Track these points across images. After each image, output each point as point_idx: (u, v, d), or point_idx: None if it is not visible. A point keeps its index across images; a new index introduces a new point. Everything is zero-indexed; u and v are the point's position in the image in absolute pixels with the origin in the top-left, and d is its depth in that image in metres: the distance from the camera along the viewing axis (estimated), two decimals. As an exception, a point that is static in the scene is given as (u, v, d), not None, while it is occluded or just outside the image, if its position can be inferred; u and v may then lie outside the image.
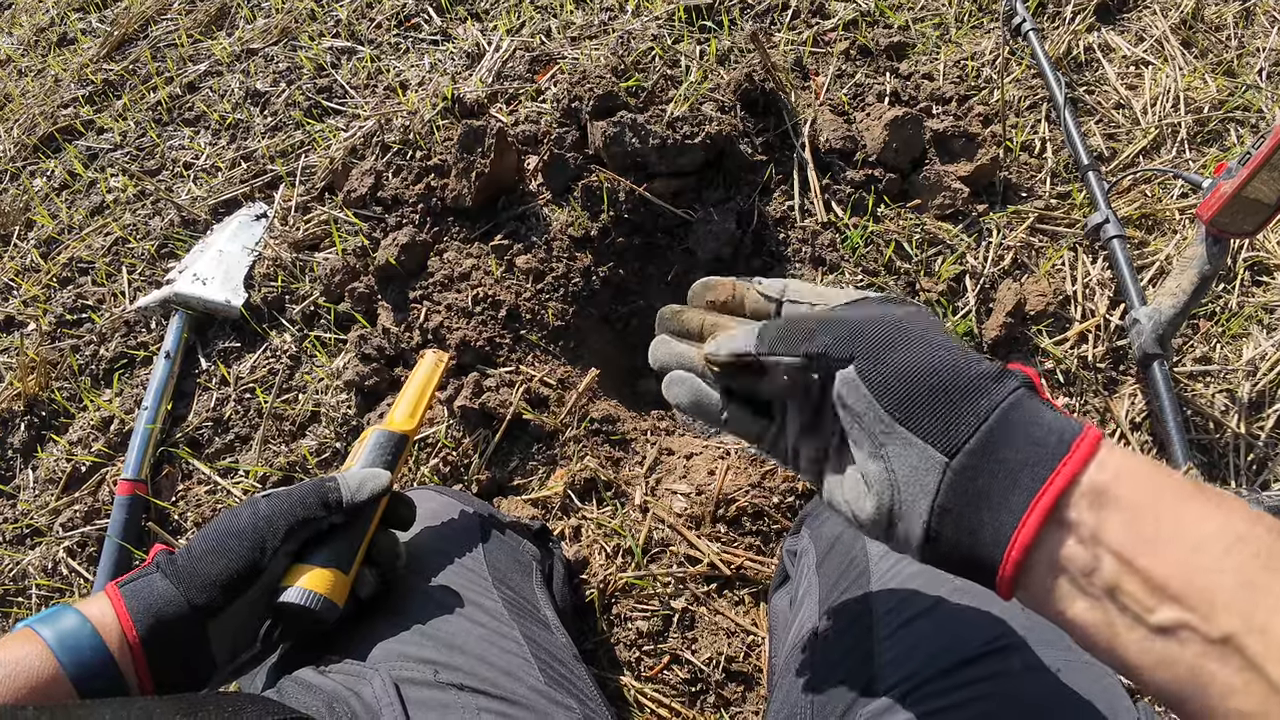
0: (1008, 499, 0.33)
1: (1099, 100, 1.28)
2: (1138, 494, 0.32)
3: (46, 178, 1.74)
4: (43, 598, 1.12)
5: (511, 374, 1.01)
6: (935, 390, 0.36)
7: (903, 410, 0.36)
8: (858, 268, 1.08)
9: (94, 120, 1.80)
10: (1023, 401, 0.35)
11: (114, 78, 1.91)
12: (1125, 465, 0.33)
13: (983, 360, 0.37)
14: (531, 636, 0.62)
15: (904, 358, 0.37)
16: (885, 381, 0.37)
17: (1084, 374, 1.01)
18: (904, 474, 0.36)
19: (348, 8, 1.66)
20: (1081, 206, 1.15)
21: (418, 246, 1.09)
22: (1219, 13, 1.38)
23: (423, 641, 0.56)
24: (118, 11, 2.18)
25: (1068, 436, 0.34)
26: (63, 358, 1.33)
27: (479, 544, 0.70)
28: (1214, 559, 0.29)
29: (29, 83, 2.13)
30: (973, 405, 0.35)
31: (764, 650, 0.83)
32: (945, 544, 0.35)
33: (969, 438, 0.35)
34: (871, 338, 0.39)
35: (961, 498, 0.34)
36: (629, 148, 1.06)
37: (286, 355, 1.16)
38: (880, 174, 1.12)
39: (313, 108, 1.48)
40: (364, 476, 0.59)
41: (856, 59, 1.31)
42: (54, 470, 1.22)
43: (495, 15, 1.52)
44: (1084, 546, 0.32)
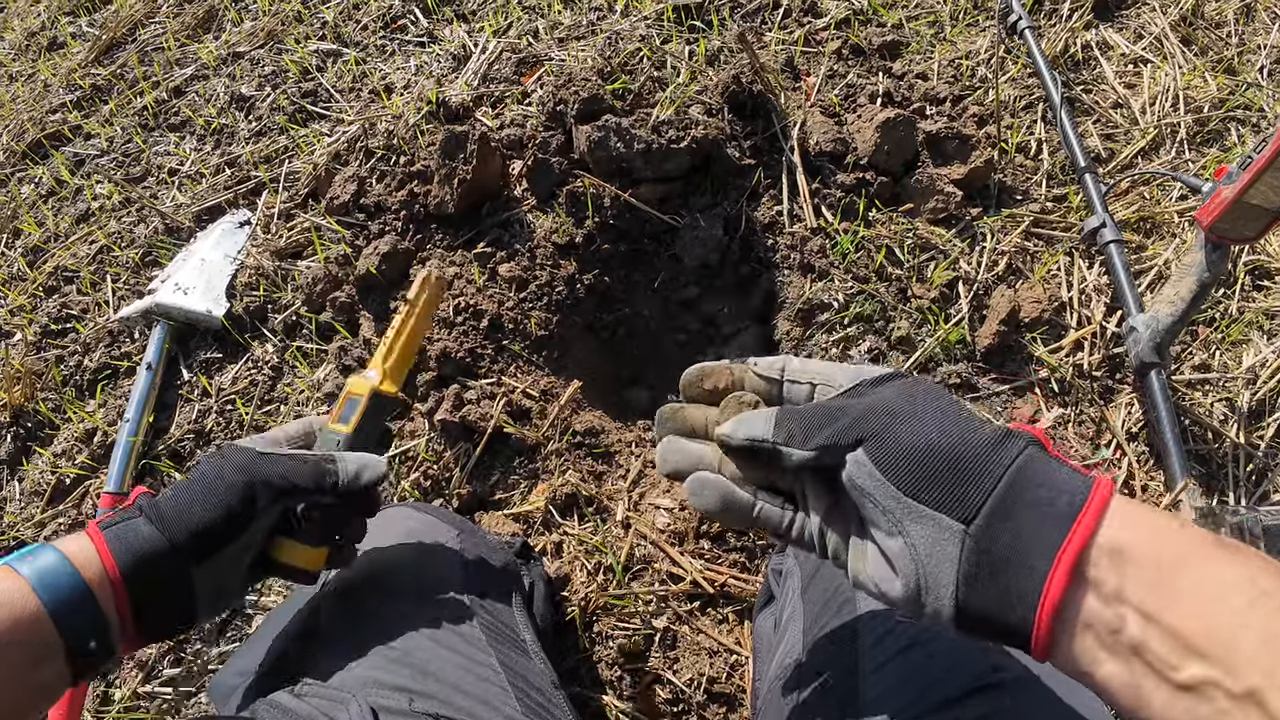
0: (1030, 561, 0.33)
1: (1096, 100, 1.25)
2: (1156, 549, 0.32)
3: (34, 185, 1.73)
4: None
5: (493, 386, 0.99)
6: (944, 461, 0.37)
7: (914, 484, 0.37)
8: (848, 274, 1.05)
9: (81, 126, 1.79)
10: (1032, 461, 0.36)
11: (101, 82, 1.89)
12: (1140, 519, 0.33)
13: (988, 425, 0.38)
14: (509, 664, 0.61)
15: (910, 434, 0.38)
16: (893, 459, 0.38)
17: (1079, 383, 0.99)
18: (924, 547, 0.36)
19: (334, 9, 1.64)
20: (1078, 210, 1.12)
21: (399, 255, 1.07)
22: (1219, 9, 1.35)
23: (398, 669, 0.56)
24: (106, 15, 2.17)
25: (1080, 493, 0.34)
26: (48, 368, 1.31)
27: (458, 565, 0.69)
28: (1237, 613, 0.29)
29: (19, 88, 2.11)
30: (983, 470, 0.36)
31: (747, 671, 0.81)
32: (976, 612, 0.35)
33: (983, 503, 0.35)
34: (877, 420, 0.39)
35: (985, 563, 0.35)
36: (614, 152, 1.04)
37: (268, 366, 1.14)
38: (871, 177, 1.10)
39: (297, 112, 1.46)
40: (363, 463, 0.59)
41: (849, 58, 1.29)
42: (39, 482, 1.20)
43: (482, 16, 1.50)
44: (1108, 605, 0.32)
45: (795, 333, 1.06)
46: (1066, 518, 0.33)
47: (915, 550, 0.36)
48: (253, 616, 1.01)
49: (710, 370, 0.49)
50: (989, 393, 1.01)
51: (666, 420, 0.49)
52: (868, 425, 0.39)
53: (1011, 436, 0.37)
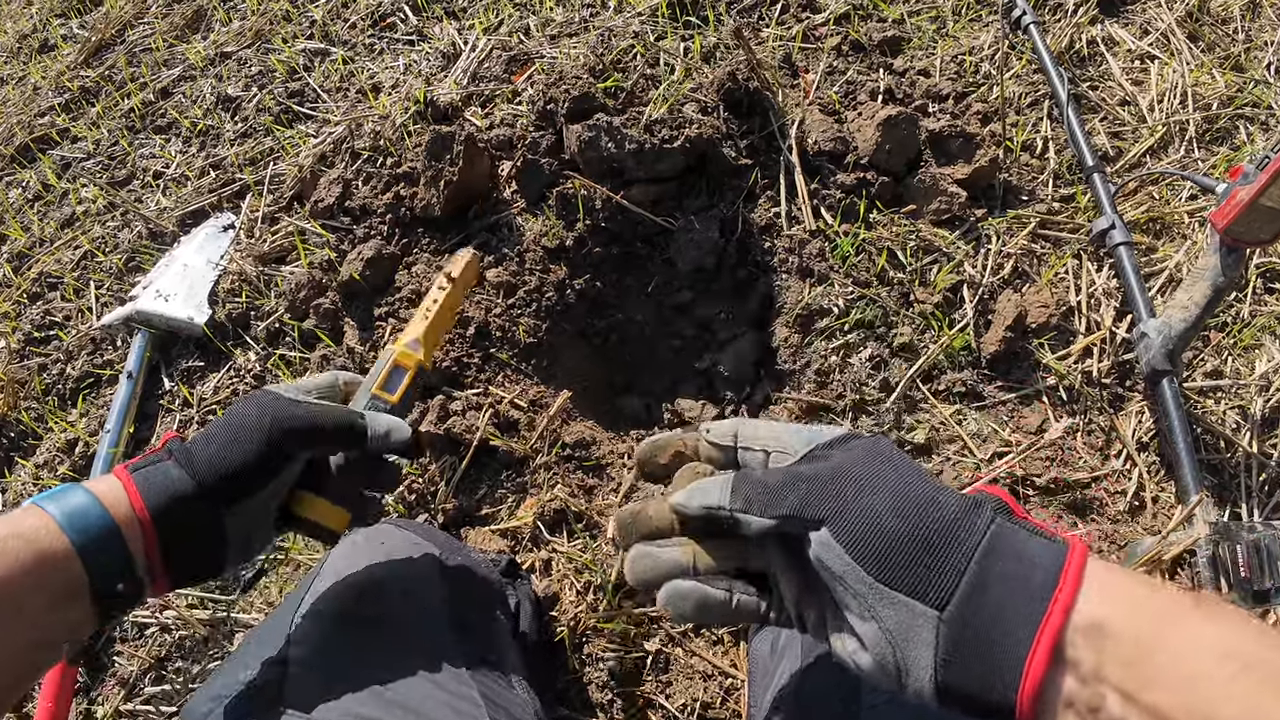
0: (1007, 642, 0.33)
1: (1103, 96, 1.22)
2: (1134, 623, 0.32)
3: (22, 189, 1.70)
4: None
5: (480, 396, 0.95)
6: (911, 542, 0.36)
7: (883, 569, 0.36)
8: (848, 278, 1.02)
9: (69, 129, 1.76)
10: (1002, 534, 0.36)
11: (90, 85, 1.86)
12: (1116, 589, 0.33)
13: (951, 495, 0.38)
14: (491, 697, 0.59)
15: (875, 510, 0.37)
16: (861, 540, 0.37)
17: (1088, 391, 0.95)
18: (899, 632, 0.36)
19: (323, 8, 1.61)
20: (1086, 210, 1.08)
21: (385, 260, 1.03)
22: (1225, 5, 1.32)
23: (377, 703, 0.54)
24: (96, 17, 2.14)
25: (1054, 566, 0.34)
26: (30, 376, 1.28)
27: (440, 587, 0.66)
28: (1217, 687, 0.29)
29: (10, 90, 2.09)
30: (952, 550, 0.35)
31: (743, 695, 0.78)
32: (956, 692, 0.35)
33: (956, 585, 0.35)
34: (839, 492, 0.39)
35: (962, 647, 0.34)
36: (606, 153, 1.01)
37: (250, 375, 1.11)
38: (872, 177, 1.06)
39: (283, 113, 1.42)
40: (392, 426, 0.60)
41: (848, 55, 1.25)
42: (21, 494, 1.18)
43: (473, 13, 1.47)
44: (1087, 685, 0.32)
45: (793, 339, 1.02)
46: (1042, 596, 0.33)
47: (890, 634, 0.36)
48: (234, 633, 0.98)
49: (664, 444, 0.49)
50: (994, 401, 0.97)
51: (630, 524, 0.47)
52: (830, 498, 0.39)
53: (978, 506, 0.37)
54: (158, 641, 0.99)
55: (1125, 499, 0.90)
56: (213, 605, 0.99)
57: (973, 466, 0.92)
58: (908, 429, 0.95)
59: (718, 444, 0.46)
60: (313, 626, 0.60)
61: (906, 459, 0.40)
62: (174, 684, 0.97)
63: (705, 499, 0.43)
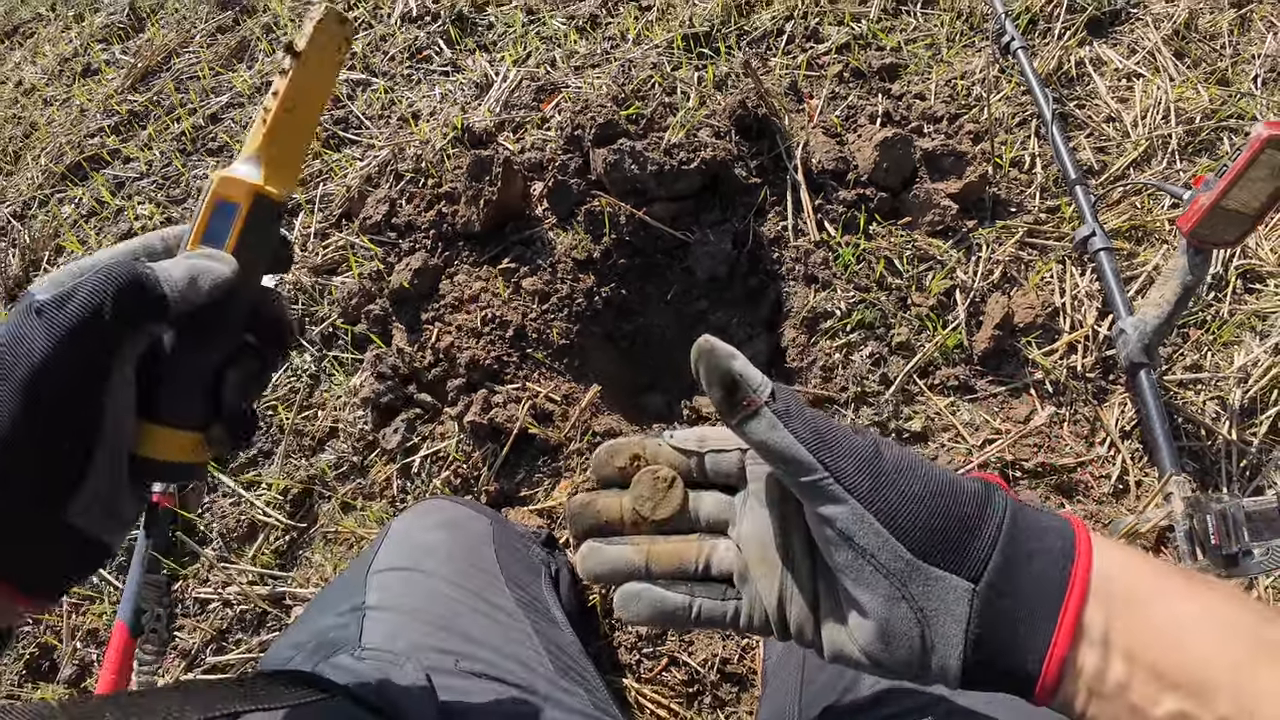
0: (1036, 613, 0.34)
1: (1090, 114, 1.31)
2: (1132, 587, 0.34)
3: (75, 205, 1.82)
4: (73, 604, 1.17)
5: (518, 391, 1.06)
6: (946, 517, 0.35)
7: (920, 544, 0.35)
8: (850, 284, 1.11)
9: (120, 150, 1.88)
10: (1016, 513, 0.36)
11: (139, 109, 1.99)
12: (1114, 557, 0.35)
13: (962, 476, 0.37)
14: (542, 631, 0.67)
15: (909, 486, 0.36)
16: (897, 515, 0.36)
17: (1073, 384, 1.04)
18: (932, 608, 0.35)
19: (363, 41, 1.74)
20: (1071, 220, 1.18)
21: (429, 270, 1.14)
22: (1213, 21, 1.40)
23: (445, 635, 0.61)
24: (140, 43, 2.27)
25: (1068, 538, 0.35)
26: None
27: (492, 549, 0.75)
28: (1208, 646, 0.31)
29: (54, 112, 2.22)
30: (983, 524, 0.35)
31: (758, 653, 0.87)
32: (984, 666, 0.35)
33: (988, 559, 0.35)
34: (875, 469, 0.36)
35: (991, 620, 0.34)
36: (629, 174, 1.12)
37: (306, 374, 1.22)
38: (872, 193, 1.16)
39: (330, 138, 1.55)
40: (193, 268, 0.39)
41: (849, 81, 1.36)
42: (88, 486, 1.28)
43: (503, 46, 1.59)
44: (1095, 648, 0.33)
45: (801, 340, 1.12)
46: (1064, 565, 0.34)
47: (922, 612, 0.35)
48: (291, 607, 1.07)
49: (620, 448, 0.44)
50: (986, 394, 1.06)
51: (580, 515, 0.44)
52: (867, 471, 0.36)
53: (991, 488, 0.37)
54: (219, 615, 1.08)
55: (1110, 482, 0.99)
56: (272, 581, 1.09)
57: (965, 452, 1.01)
58: (905, 419, 1.04)
59: (681, 449, 0.44)
60: (384, 580, 0.67)
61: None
62: (234, 654, 1.06)
63: (769, 435, 0.37)
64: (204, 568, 1.12)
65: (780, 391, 0.38)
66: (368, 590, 0.66)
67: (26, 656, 1.15)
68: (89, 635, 1.14)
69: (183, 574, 1.12)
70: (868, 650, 0.37)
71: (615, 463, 0.44)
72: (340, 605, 0.66)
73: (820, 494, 0.36)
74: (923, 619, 0.35)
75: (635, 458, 0.44)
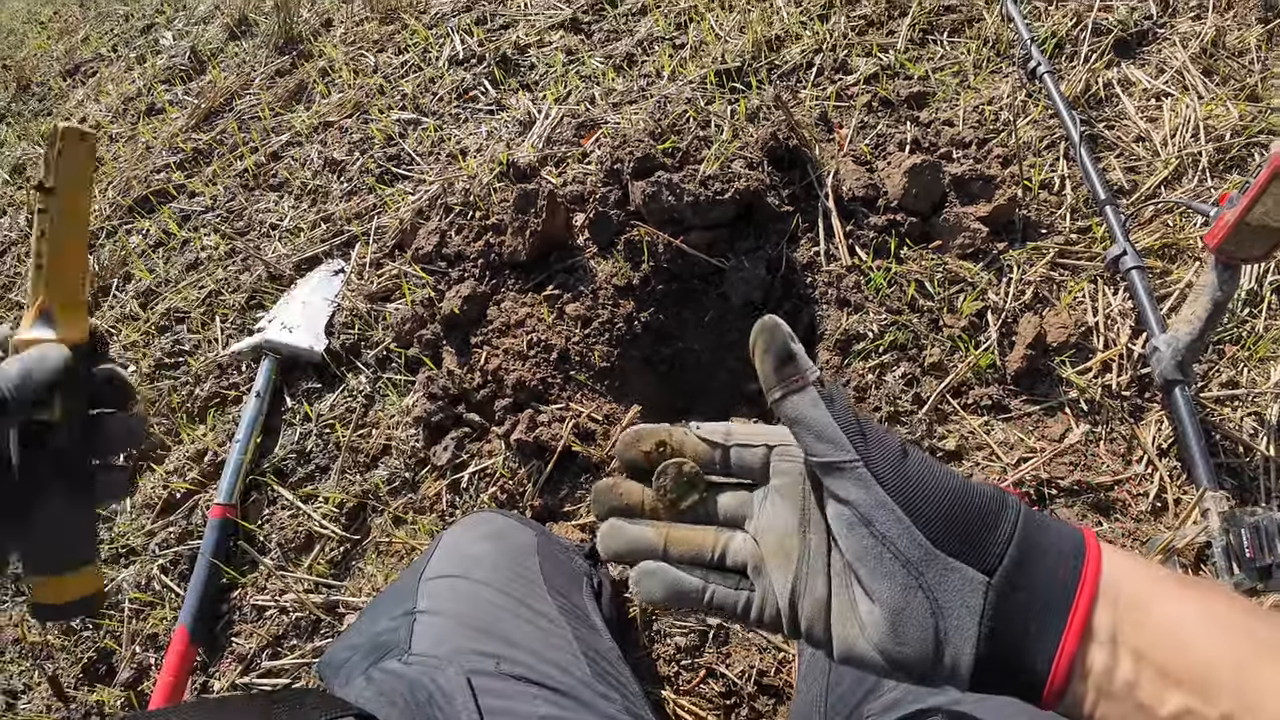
0: (1047, 610, 0.34)
1: (1119, 135, 1.33)
2: (1138, 589, 0.34)
3: (142, 235, 1.95)
4: (134, 610, 1.25)
5: (562, 410, 1.11)
6: (965, 509, 0.36)
7: (939, 533, 0.36)
8: (881, 307, 1.15)
9: (185, 185, 2.01)
10: (1030, 515, 0.37)
11: (203, 146, 2.13)
12: (1119, 562, 0.35)
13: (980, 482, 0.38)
14: (581, 637, 0.71)
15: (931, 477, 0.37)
16: (918, 503, 0.36)
17: (1109, 403, 1.05)
18: (948, 600, 0.35)
19: (413, 83, 1.85)
20: (1102, 240, 1.19)
21: (478, 297, 1.21)
22: (1241, 38, 1.40)
23: (486, 639, 0.65)
24: (203, 85, 2.43)
25: (1078, 540, 0.36)
26: (161, 397, 1.49)
27: (536, 559, 0.79)
28: (1210, 645, 0.32)
29: (120, 148, 2.37)
30: (997, 521, 0.36)
31: (795, 666, 0.89)
32: (993, 665, 0.35)
33: (1003, 555, 0.35)
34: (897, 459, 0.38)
35: (1005, 614, 0.35)
36: (666, 205, 1.17)
37: (362, 395, 1.29)
38: (902, 218, 1.20)
39: (384, 174, 1.65)
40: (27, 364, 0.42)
41: (878, 110, 1.40)
42: (151, 496, 1.35)
43: (544, 86, 1.68)
44: (1105, 648, 0.34)
45: (834, 361, 1.15)
46: (1075, 564, 0.35)
47: (937, 604, 0.35)
48: (344, 615, 1.13)
49: (647, 433, 0.44)
50: (1020, 413, 1.08)
51: (605, 497, 0.45)
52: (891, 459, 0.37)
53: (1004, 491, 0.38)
54: (275, 622, 1.14)
55: (1147, 500, 0.99)
56: (326, 590, 1.15)
57: (1000, 470, 1.03)
58: (939, 437, 1.06)
59: (708, 439, 0.44)
60: (433, 587, 0.72)
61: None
62: (288, 659, 1.12)
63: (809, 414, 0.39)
64: (262, 576, 1.18)
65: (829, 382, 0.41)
66: (419, 597, 0.71)
67: (84, 661, 1.23)
68: (149, 640, 1.21)
69: (242, 581, 1.19)
70: (880, 645, 0.37)
71: (641, 446, 0.44)
72: (394, 610, 0.71)
73: (846, 475, 0.37)
74: (937, 610, 0.35)
75: (661, 444, 0.44)
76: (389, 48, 2.10)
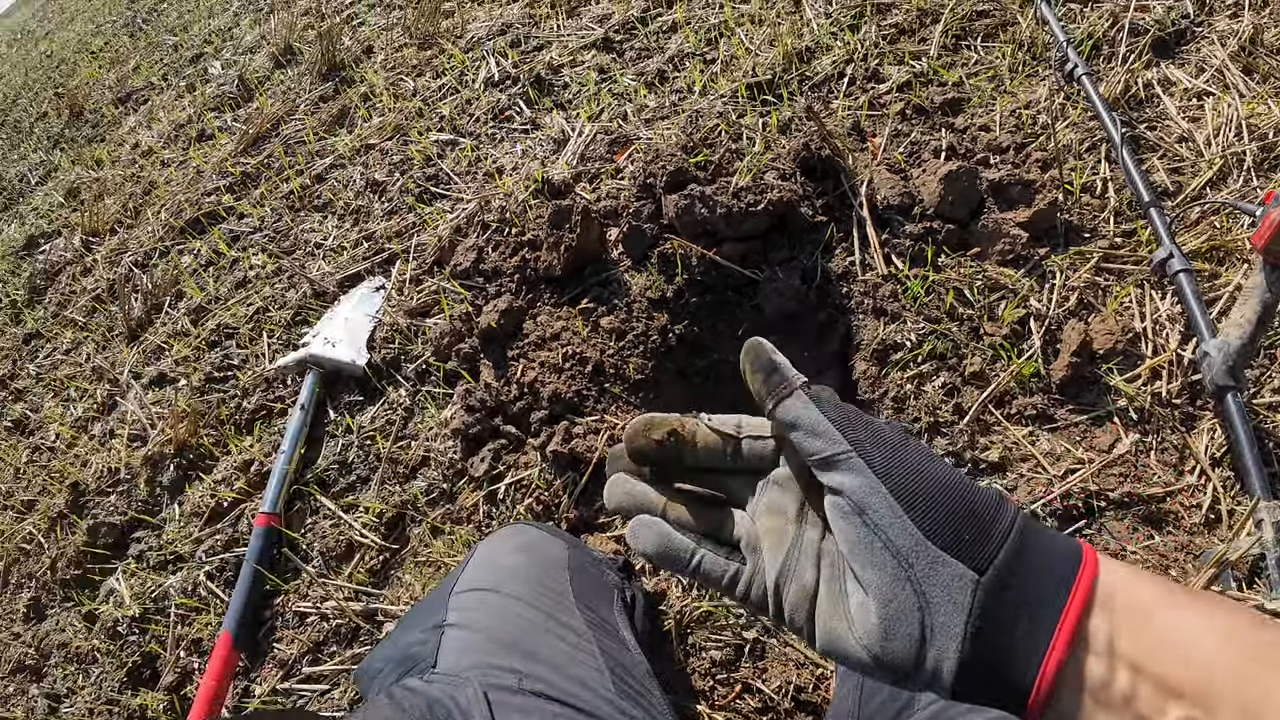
0: (1037, 613, 0.33)
1: (1161, 136, 1.30)
2: (1136, 598, 0.33)
3: (193, 255, 2.03)
4: (180, 615, 1.29)
5: (597, 422, 1.12)
6: (961, 504, 0.36)
7: (932, 525, 0.35)
8: (919, 315, 1.13)
9: (234, 207, 2.10)
10: (1028, 521, 0.36)
11: (251, 170, 2.22)
12: (1119, 571, 0.34)
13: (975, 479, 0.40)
14: (608, 651, 0.71)
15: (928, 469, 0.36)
16: (912, 494, 0.36)
17: (1159, 411, 1.02)
18: (935, 594, 0.35)
19: (450, 105, 1.90)
20: (1148, 243, 1.16)
21: (514, 311, 1.23)
22: (1279, 35, 1.37)
23: (510, 653, 0.65)
24: (250, 111, 2.54)
25: (1074, 548, 0.35)
26: (210, 409, 1.55)
27: (567, 572, 0.79)
28: (1212, 654, 0.31)
29: (172, 172, 2.49)
30: (996, 519, 0.35)
31: (832, 683, 0.88)
32: (978, 669, 0.34)
33: (996, 553, 0.35)
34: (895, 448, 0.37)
35: (993, 614, 0.34)
36: (699, 217, 1.18)
37: (401, 407, 1.32)
38: (939, 225, 1.18)
39: (423, 193, 1.69)
40: None
41: (912, 118, 1.39)
42: (199, 505, 1.40)
43: (577, 104, 1.71)
44: (1101, 658, 0.32)
45: (871, 371, 1.14)
46: (1070, 568, 0.34)
47: (924, 598, 0.35)
48: (382, 623, 1.15)
49: (659, 421, 0.44)
50: (1066, 423, 1.05)
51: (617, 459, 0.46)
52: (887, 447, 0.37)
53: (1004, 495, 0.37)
54: (316, 628, 1.17)
55: (1200, 512, 0.95)
56: (365, 598, 1.17)
57: (1046, 482, 1.00)
58: (981, 449, 1.04)
59: (720, 430, 0.43)
60: (463, 600, 0.73)
61: None
62: (328, 665, 1.14)
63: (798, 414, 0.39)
64: (304, 583, 1.21)
65: (816, 385, 0.41)
66: (449, 610, 0.72)
67: (129, 665, 1.27)
68: (193, 645, 1.25)
69: (284, 588, 1.22)
70: (865, 640, 0.36)
71: (652, 435, 0.43)
72: (425, 622, 0.73)
73: (840, 466, 0.37)
74: (924, 604, 0.35)
75: (672, 433, 0.43)
76: (427, 72, 2.17)
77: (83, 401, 1.82)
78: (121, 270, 2.15)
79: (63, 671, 1.34)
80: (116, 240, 2.34)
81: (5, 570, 1.58)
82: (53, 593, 1.47)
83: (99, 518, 1.48)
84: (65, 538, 1.51)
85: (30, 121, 4.22)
